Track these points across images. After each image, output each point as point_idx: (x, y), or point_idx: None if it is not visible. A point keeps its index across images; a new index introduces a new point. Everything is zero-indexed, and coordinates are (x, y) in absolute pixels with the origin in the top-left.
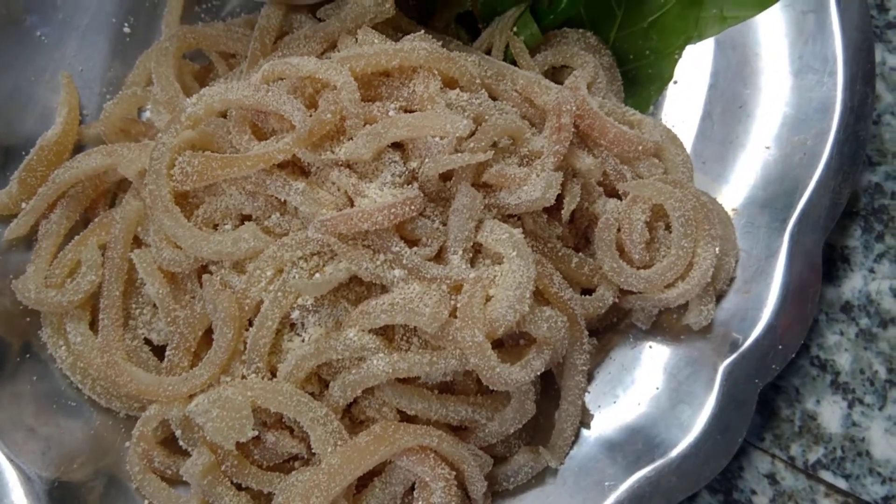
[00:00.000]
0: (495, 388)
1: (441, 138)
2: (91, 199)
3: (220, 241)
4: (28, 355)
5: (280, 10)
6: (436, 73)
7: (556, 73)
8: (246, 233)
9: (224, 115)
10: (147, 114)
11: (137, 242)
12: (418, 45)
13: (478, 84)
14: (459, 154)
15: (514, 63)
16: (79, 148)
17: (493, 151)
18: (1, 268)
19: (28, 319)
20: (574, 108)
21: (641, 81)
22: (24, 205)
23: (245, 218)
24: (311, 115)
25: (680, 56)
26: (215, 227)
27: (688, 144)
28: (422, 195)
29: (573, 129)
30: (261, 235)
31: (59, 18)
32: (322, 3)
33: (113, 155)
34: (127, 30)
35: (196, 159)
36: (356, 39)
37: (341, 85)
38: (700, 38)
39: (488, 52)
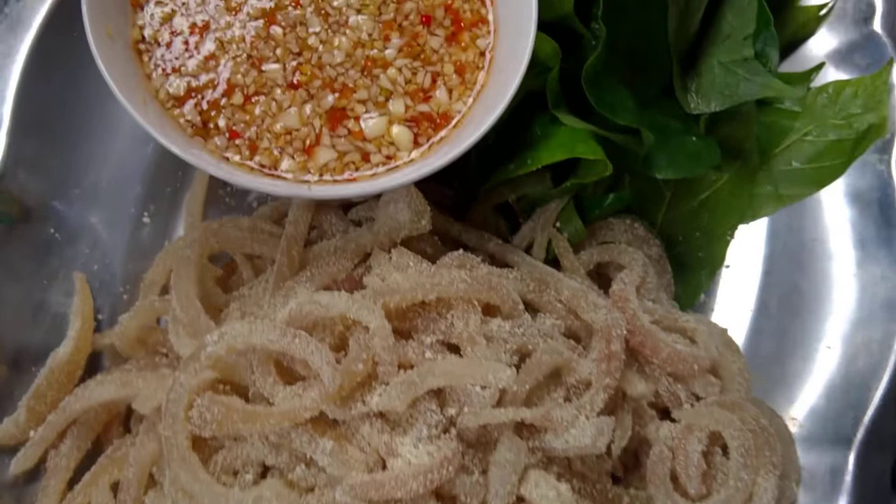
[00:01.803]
0: None
1: (482, 388)
2: (104, 423)
3: (241, 499)
4: None
5: (308, 211)
6: (475, 303)
7: (601, 264)
8: (268, 490)
9: None
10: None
11: (151, 479)
12: (457, 277)
13: (520, 310)
14: (503, 409)
15: (556, 259)
16: (93, 356)
17: (540, 409)
18: None
19: None
20: (624, 332)
21: (692, 266)
22: (32, 433)
23: (268, 466)
24: (339, 364)
25: (732, 237)
26: (235, 473)
27: (741, 338)
28: (459, 452)
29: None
30: (284, 494)
31: (73, 213)
32: (352, 204)
33: (128, 386)
34: (146, 220)
35: (216, 407)
36: (390, 257)
37: (374, 329)
38: (754, 217)
39: (529, 247)
